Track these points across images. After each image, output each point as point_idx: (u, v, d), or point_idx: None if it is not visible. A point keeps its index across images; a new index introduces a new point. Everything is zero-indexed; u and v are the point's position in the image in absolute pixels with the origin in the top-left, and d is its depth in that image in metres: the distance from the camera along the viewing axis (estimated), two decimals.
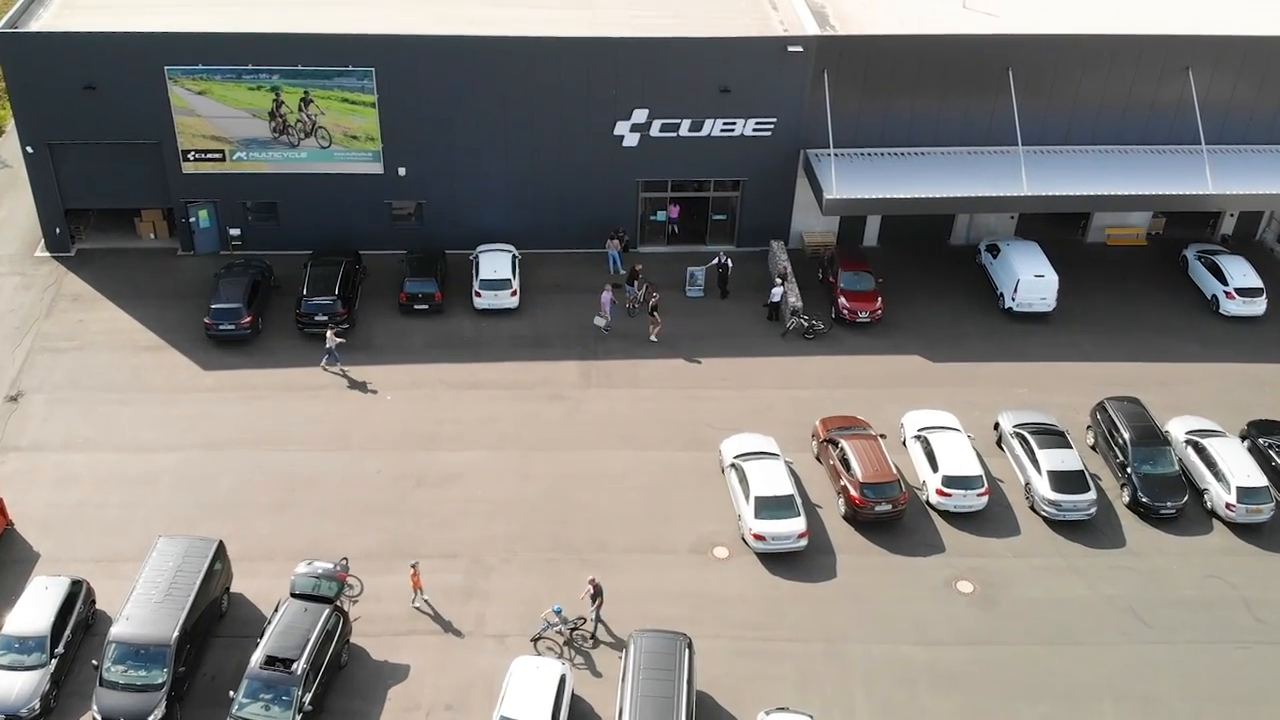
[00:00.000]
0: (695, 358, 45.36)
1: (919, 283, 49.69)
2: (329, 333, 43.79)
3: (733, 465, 38.76)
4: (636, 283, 47.65)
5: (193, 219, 48.73)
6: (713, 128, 48.18)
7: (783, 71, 46.94)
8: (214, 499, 38.51)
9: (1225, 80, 48.55)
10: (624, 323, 46.55)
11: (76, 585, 33.98)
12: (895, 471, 38.17)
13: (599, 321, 45.79)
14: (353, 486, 39.11)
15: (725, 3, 49.80)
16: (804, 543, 36.74)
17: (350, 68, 45.83)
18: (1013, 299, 47.44)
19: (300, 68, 45.64)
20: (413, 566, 35.03)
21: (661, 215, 51.14)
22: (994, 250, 49.64)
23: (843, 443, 38.95)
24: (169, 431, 40.97)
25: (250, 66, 45.44)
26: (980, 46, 47.27)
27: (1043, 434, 40.12)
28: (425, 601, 35.21)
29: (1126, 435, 40.20)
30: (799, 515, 36.76)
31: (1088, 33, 47.86)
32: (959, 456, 38.90)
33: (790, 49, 46.42)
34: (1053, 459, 39.05)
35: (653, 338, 46.04)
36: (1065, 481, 38.58)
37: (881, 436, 39.81)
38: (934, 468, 38.96)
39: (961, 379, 44.68)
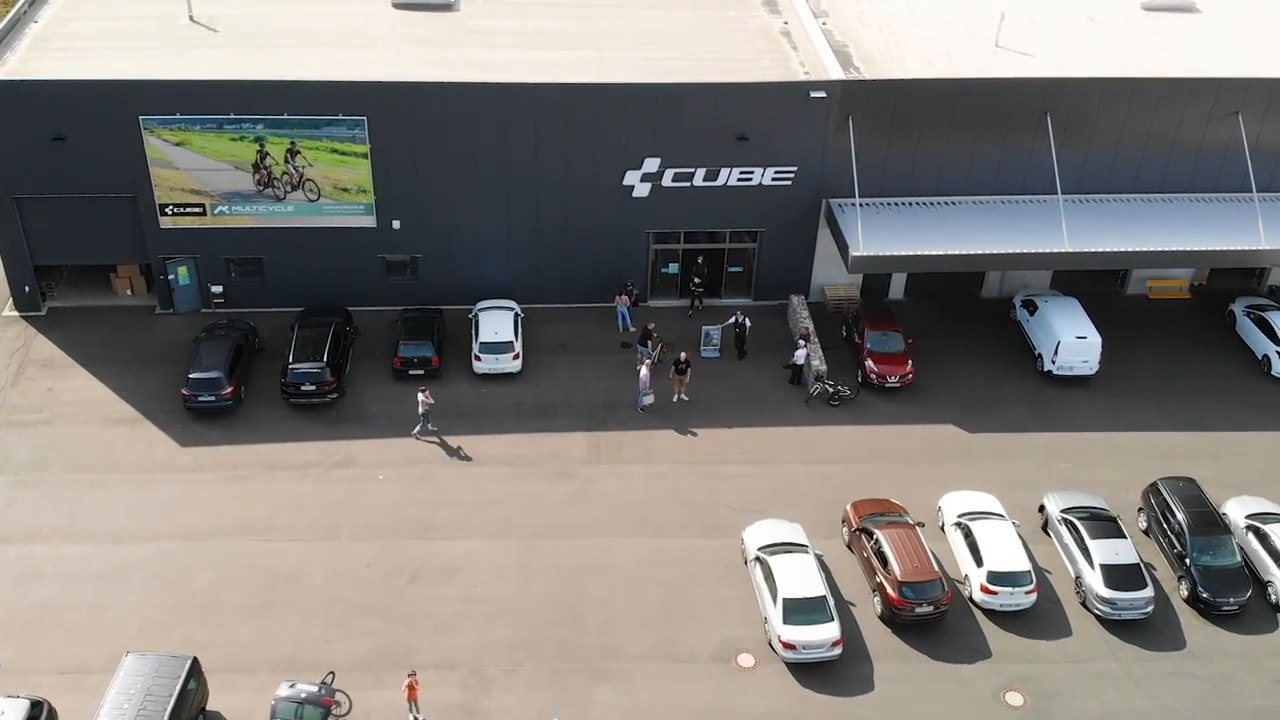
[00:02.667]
0: (713, 427, 42.10)
1: (950, 341, 46.43)
2: (420, 395, 40.49)
3: (757, 559, 35.48)
4: (651, 343, 44.40)
5: (172, 276, 45.44)
6: (729, 177, 44.96)
7: (804, 118, 43.71)
8: (189, 598, 35.20)
9: (1277, 125, 45.31)
10: (633, 388, 43.18)
11: (36, 708, 30.61)
12: (937, 568, 34.89)
13: (646, 401, 42.46)
14: (341, 583, 35.80)
15: (741, 43, 46.53)
16: (838, 651, 33.44)
17: (340, 116, 42.56)
18: (1052, 361, 44.17)
19: (286, 117, 42.37)
20: (410, 676, 31.80)
21: (673, 267, 47.90)
22: (1030, 307, 46.37)
23: (878, 533, 35.67)
24: (142, 519, 37.66)
25: (232, 116, 42.16)
26: (1016, 90, 44.04)
27: (1093, 520, 36.87)
28: None
29: (1183, 522, 36.94)
30: (832, 620, 33.48)
31: (1131, 75, 44.63)
32: (1005, 549, 35.62)
33: (813, 94, 43.18)
34: (1106, 551, 35.79)
35: (680, 397, 42.91)
36: (1120, 577, 35.31)
37: (919, 525, 36.54)
38: (978, 561, 35.68)
39: (1001, 452, 41.41)
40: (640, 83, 43.23)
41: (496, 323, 44.25)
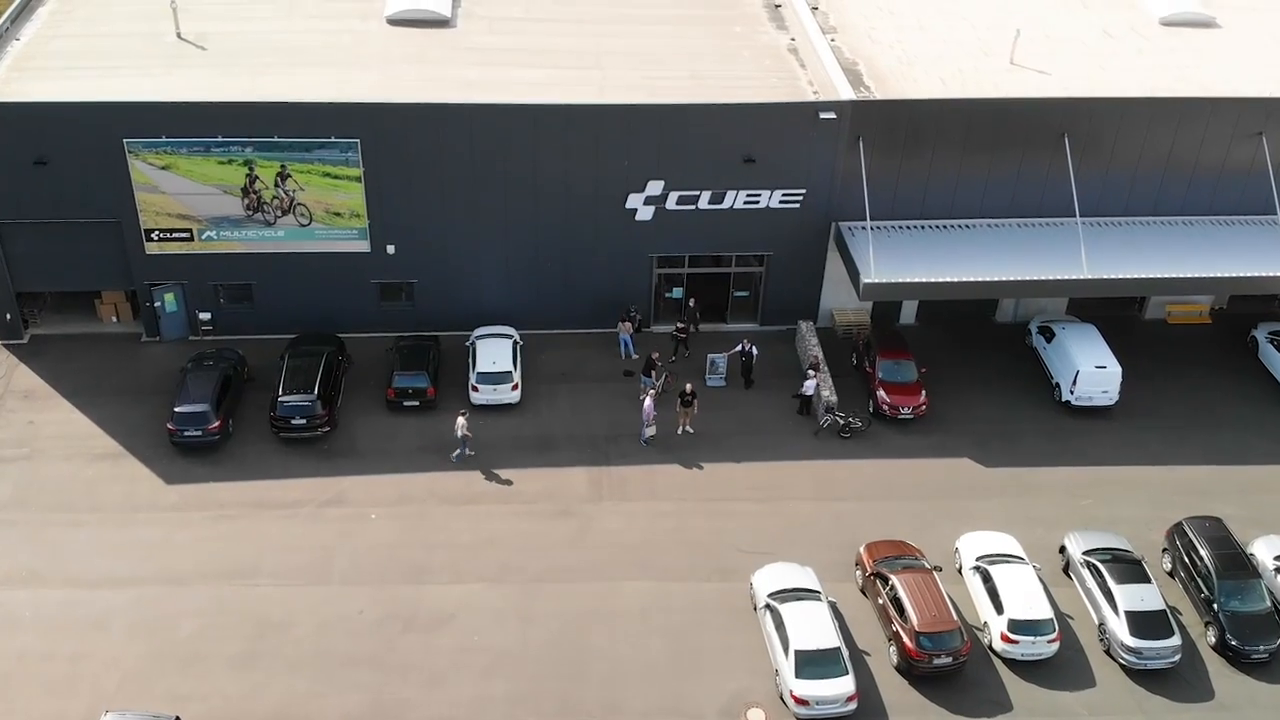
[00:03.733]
0: (719, 461, 40.54)
1: (964, 369, 44.85)
2: (459, 420, 39.10)
3: (768, 606, 33.90)
4: (655, 373, 42.85)
5: (158, 303, 43.88)
6: (735, 200, 43.41)
7: (813, 139, 42.18)
8: (173, 648, 33.60)
9: None
10: (636, 419, 41.64)
11: None
12: (956, 617, 33.31)
13: (649, 433, 40.89)
14: (331, 631, 34.22)
15: (748, 61, 45.03)
16: (853, 706, 31.88)
17: (333, 139, 41.00)
18: (1071, 392, 42.62)
19: (277, 139, 40.81)
20: None
21: (677, 292, 46.37)
22: (1047, 333, 44.82)
23: (894, 579, 34.10)
24: (125, 561, 36.08)
25: (220, 138, 40.62)
26: (1032, 110, 42.50)
27: (1117, 563, 35.34)
28: None
29: (1211, 565, 35.39)
30: (847, 673, 31.90)
31: (1151, 95, 43.15)
32: (1027, 596, 34.05)
33: (822, 115, 41.65)
34: (1131, 597, 34.25)
35: (686, 429, 41.38)
36: (1146, 624, 33.76)
37: (936, 569, 34.98)
38: (998, 609, 34.11)
39: (1019, 487, 39.87)
40: (643, 103, 41.73)
41: (495, 351, 42.71)
